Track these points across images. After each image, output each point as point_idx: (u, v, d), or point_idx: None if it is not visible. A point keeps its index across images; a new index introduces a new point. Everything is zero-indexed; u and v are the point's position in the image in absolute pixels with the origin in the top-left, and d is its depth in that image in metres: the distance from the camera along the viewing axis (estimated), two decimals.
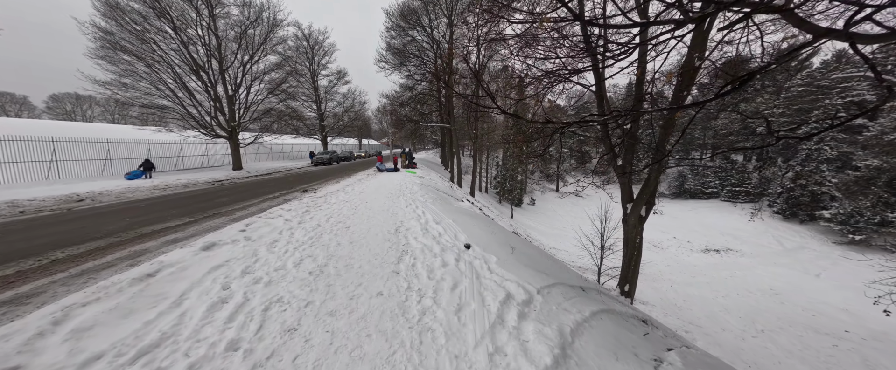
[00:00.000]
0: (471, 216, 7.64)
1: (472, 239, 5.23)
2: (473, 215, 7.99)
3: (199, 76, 18.63)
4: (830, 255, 24.38)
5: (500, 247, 4.86)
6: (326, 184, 13.97)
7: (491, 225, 6.91)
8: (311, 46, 29.72)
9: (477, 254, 4.49)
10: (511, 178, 34.82)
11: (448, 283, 3.39)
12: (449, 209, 8.13)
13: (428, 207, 7.84)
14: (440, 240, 5.08)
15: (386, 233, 5.57)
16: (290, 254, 4.48)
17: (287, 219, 6.55)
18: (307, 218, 6.81)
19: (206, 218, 7.22)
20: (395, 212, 7.43)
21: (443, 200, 10.36)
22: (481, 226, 6.38)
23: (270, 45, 20.60)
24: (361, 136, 57.19)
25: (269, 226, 5.98)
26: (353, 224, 6.29)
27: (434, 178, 18.12)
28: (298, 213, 7.17)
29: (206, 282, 3.40)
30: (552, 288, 3.36)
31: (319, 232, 5.65)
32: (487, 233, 5.75)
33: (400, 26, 23.92)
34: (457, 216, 7.08)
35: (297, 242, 5.02)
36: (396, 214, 7.12)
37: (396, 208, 7.82)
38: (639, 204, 11.40)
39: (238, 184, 14.25)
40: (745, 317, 16.47)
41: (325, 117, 32.61)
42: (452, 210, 8.14)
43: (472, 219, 7.12)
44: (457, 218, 6.82)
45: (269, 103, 22.15)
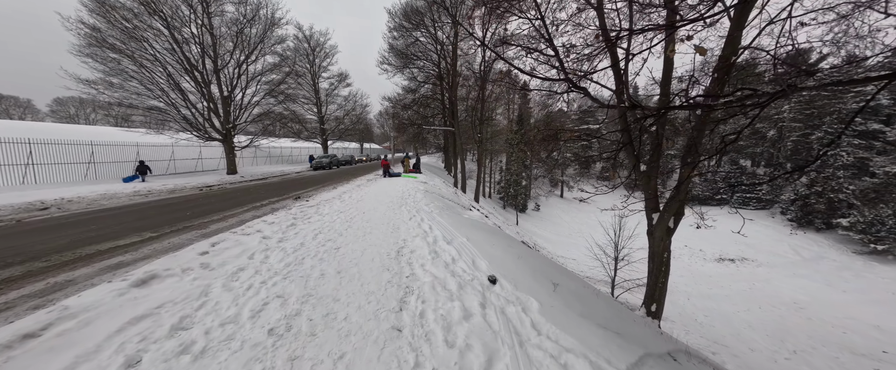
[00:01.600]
0: (485, 230, 6.39)
1: (496, 266, 3.98)
2: (487, 229, 6.75)
3: (192, 76, 17.55)
4: (852, 266, 22.97)
5: (536, 281, 3.60)
6: (322, 190, 12.76)
7: (512, 243, 5.66)
8: (311, 48, 28.72)
9: (508, 293, 3.24)
10: (515, 184, 33.59)
11: (477, 356, 2.16)
12: (458, 221, 6.89)
13: (435, 220, 6.59)
14: (454, 269, 3.85)
15: (385, 257, 4.33)
16: (254, 292, 3.24)
17: (265, 236, 5.32)
18: (291, 234, 5.58)
19: (172, 233, 6.00)
20: (397, 226, 6.19)
21: (449, 210, 9.12)
22: (501, 245, 5.13)
23: (268, 45, 19.56)
24: (363, 139, 56.08)
25: (241, 245, 4.76)
26: (345, 243, 5.05)
27: (438, 184, 16.89)
28: (282, 228, 5.94)
29: (104, 352, 2.17)
30: (640, 365, 2.13)
31: (301, 255, 4.41)
32: (512, 256, 4.49)
33: (403, 27, 22.88)
34: (470, 232, 5.84)
35: (268, 272, 3.79)
36: (398, 230, 5.88)
37: (398, 221, 6.59)
38: (667, 214, 10.14)
39: (227, 189, 13.06)
40: (772, 336, 15.11)
41: (325, 120, 31.49)
42: (462, 223, 6.90)
43: (488, 235, 5.87)
44: (470, 234, 5.57)
45: (267, 105, 21.04)
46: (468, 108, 27.22)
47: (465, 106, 27.69)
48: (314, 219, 6.79)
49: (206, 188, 13.60)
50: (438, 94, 26.78)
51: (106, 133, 18.69)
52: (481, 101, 22.82)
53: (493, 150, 34.60)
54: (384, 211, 7.76)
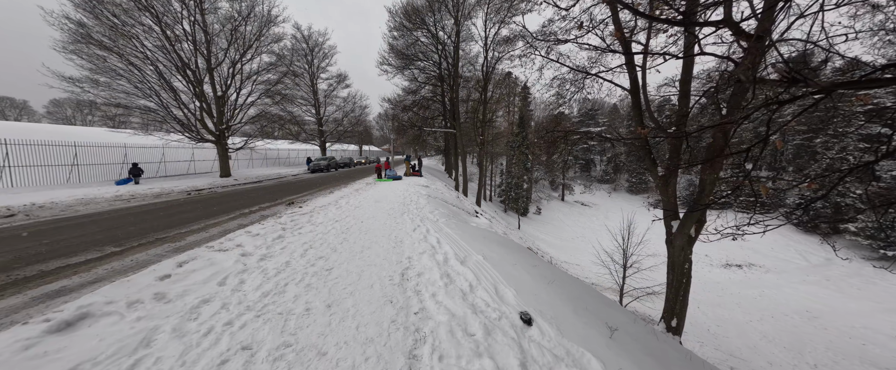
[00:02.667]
0: (500, 244, 5.56)
1: (525, 296, 3.16)
2: (502, 242, 5.92)
3: (184, 75, 16.69)
4: (862, 272, 22.26)
5: (582, 320, 2.77)
6: (319, 194, 11.91)
7: (534, 261, 4.83)
8: (310, 48, 27.90)
9: (552, 343, 2.41)
10: (516, 187, 32.80)
11: None
12: (469, 233, 6.07)
13: (443, 232, 5.76)
14: (474, 301, 3.03)
15: (387, 283, 3.51)
16: (213, 341, 2.40)
17: (245, 253, 4.47)
18: (276, 249, 4.74)
19: (140, 247, 5.14)
20: (400, 238, 5.36)
21: (455, 218, 8.30)
22: (523, 263, 4.30)
23: (264, 44, 18.73)
24: (362, 142, 55.20)
25: (213, 266, 3.91)
26: (339, 262, 4.21)
27: (440, 188, 16.07)
28: (266, 241, 5.09)
29: None
30: None
31: (284, 280, 3.57)
32: (541, 280, 3.67)
33: (404, 26, 22.15)
34: (484, 247, 5.01)
35: (239, 306, 2.95)
36: (402, 244, 5.04)
37: (401, 233, 5.75)
38: (688, 222, 9.34)
39: (217, 194, 12.17)
40: (790, 348, 14.32)
41: (324, 122, 30.63)
42: (473, 234, 6.08)
43: (506, 251, 5.04)
44: (486, 251, 4.74)
45: (263, 105, 20.18)
46: (469, 109, 26.48)
47: (465, 108, 26.95)
48: (306, 230, 5.94)
49: (195, 192, 12.71)
50: (439, 95, 26.03)
51: (91, 134, 17.77)
52: (484, 102, 22.07)
53: (493, 152, 33.86)
54: (384, 219, 6.92)
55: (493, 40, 21.64)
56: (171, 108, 16.64)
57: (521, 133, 32.92)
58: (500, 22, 21.44)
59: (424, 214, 7.58)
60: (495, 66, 21.70)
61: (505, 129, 35.97)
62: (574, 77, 10.83)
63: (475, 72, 24.37)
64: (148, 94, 15.83)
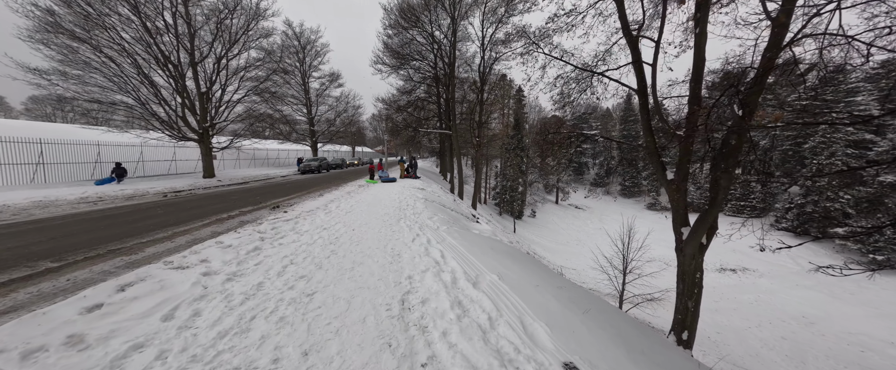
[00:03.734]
0: (511, 255, 4.83)
1: (561, 334, 2.43)
2: (512, 253, 5.19)
3: (166, 69, 15.59)
4: (854, 277, 22.30)
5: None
6: (307, 197, 11.01)
7: (560, 282, 4.10)
8: (302, 46, 26.86)
9: None
10: (511, 190, 32.25)
11: None
12: (475, 243, 5.33)
13: (446, 242, 5.01)
14: (499, 345, 2.30)
15: (383, 315, 2.74)
16: None
17: (209, 271, 3.64)
18: (249, 265, 3.91)
19: (84, 262, 4.24)
20: (398, 251, 4.58)
21: (456, 224, 7.56)
22: (547, 284, 3.57)
23: (253, 39, 17.72)
24: (355, 143, 54.02)
25: (163, 290, 3.08)
26: (324, 283, 3.42)
27: (436, 190, 15.30)
28: (239, 255, 4.26)
29: None
30: None
31: (251, 311, 2.77)
32: (576, 309, 2.94)
33: (399, 24, 21.40)
34: (497, 262, 4.28)
35: (181, 358, 2.12)
36: (400, 258, 4.27)
37: (399, 244, 4.98)
38: (700, 229, 8.78)
39: (197, 196, 11.17)
40: (791, 356, 13.98)
41: (315, 122, 29.55)
42: (480, 244, 5.34)
43: (520, 265, 4.31)
44: (501, 268, 4.00)
45: (250, 102, 19.12)
46: (464, 111, 25.83)
47: (461, 109, 26.30)
48: (288, 240, 5.11)
49: (173, 194, 11.67)
50: (434, 96, 25.30)
51: (62, 131, 16.46)
52: (480, 103, 21.43)
53: (489, 155, 33.28)
54: (379, 227, 6.13)
55: (490, 40, 21.06)
56: (151, 104, 15.52)
57: (517, 135, 32.43)
58: (497, 21, 20.88)
59: (423, 221, 6.81)
60: (492, 66, 21.12)
61: (500, 132, 35.47)
62: (579, 76, 10.25)
63: (471, 72, 23.75)
64: (126, 89, 14.70)
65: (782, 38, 7.35)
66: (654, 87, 9.17)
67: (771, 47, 7.39)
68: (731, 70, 10.01)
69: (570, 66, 10.52)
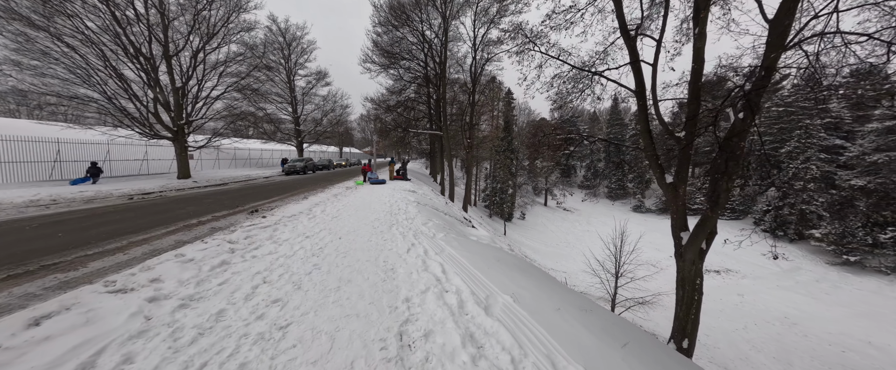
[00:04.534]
0: (520, 269, 4.29)
1: None
2: (521, 265, 4.65)
3: (137, 61, 14.39)
4: (828, 277, 22.97)
5: None
6: (290, 200, 10.19)
7: (587, 305, 3.57)
8: (287, 42, 25.72)
9: None
10: (501, 192, 31.94)
11: None
12: (474, 251, 4.77)
13: (445, 254, 4.41)
14: None
15: (377, 360, 2.13)
16: None
17: (157, 295, 2.92)
18: (212, 286, 3.21)
19: (2, 283, 3.44)
20: (392, 265, 3.96)
21: (452, 229, 6.98)
22: (570, 306, 3.04)
23: (233, 32, 16.66)
24: (343, 143, 52.68)
25: (88, 327, 2.36)
26: (303, 312, 2.77)
27: (427, 193, 14.69)
28: (201, 272, 3.54)
29: None
30: None
31: (202, 355, 2.09)
32: (613, 342, 2.42)
33: (389, 22, 20.71)
34: (504, 274, 3.72)
35: None
36: (394, 274, 3.65)
37: (392, 255, 4.36)
38: (700, 234, 8.51)
39: (166, 199, 10.17)
40: (779, 358, 14.06)
41: (301, 121, 28.37)
42: (480, 253, 4.78)
43: (533, 281, 3.77)
44: (511, 284, 3.43)
45: (230, 99, 17.99)
46: (455, 112, 25.33)
47: (451, 111, 25.80)
48: (263, 251, 4.40)
49: (141, 196, 10.60)
50: (424, 96, 24.69)
51: (16, 127, 14.93)
52: (472, 104, 20.98)
53: (478, 156, 32.90)
54: (369, 235, 5.48)
55: (482, 41, 20.66)
56: (119, 98, 14.27)
57: (507, 137, 32.18)
58: (489, 22, 20.51)
59: (417, 227, 6.20)
60: (484, 67, 20.70)
61: (490, 134, 35.18)
62: (577, 76, 9.89)
63: (462, 73, 23.29)
64: (90, 83, 13.45)
65: (782, 41, 7.14)
66: (654, 88, 8.88)
67: (770, 49, 7.19)
68: (724, 73, 9.83)
69: (567, 66, 10.16)
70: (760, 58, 8.59)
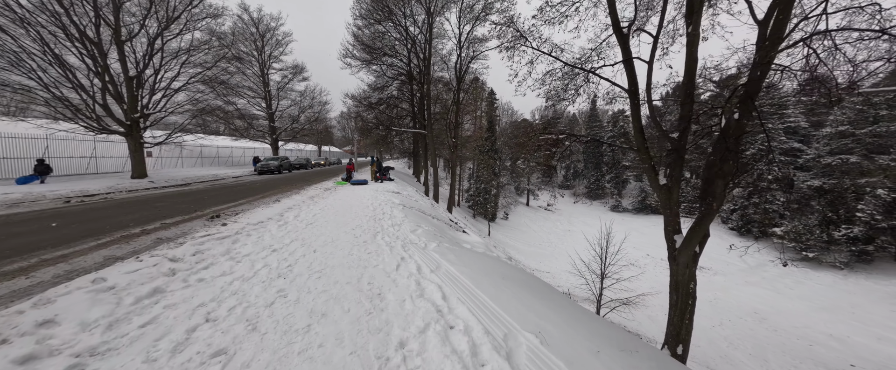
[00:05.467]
0: (531, 288, 3.62)
1: None
2: (531, 284, 3.98)
3: (83, 46, 12.59)
4: (790, 273, 24.19)
5: None
6: (260, 203, 9.07)
7: (632, 342, 2.93)
8: (260, 33, 23.91)
9: None
10: (485, 192, 31.54)
11: None
12: (473, 264, 4.06)
13: (443, 271, 3.67)
14: None
15: None
16: None
17: (30, 356, 2.00)
18: (125, 332, 2.29)
19: None
20: (380, 290, 3.17)
21: (443, 235, 6.25)
22: (608, 347, 2.38)
23: (197, 17, 15.02)
24: (322, 142, 50.51)
25: None
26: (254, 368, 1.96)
27: (412, 194, 13.85)
28: (117, 310, 2.60)
29: None
30: None
31: None
32: None
33: (371, 15, 19.63)
34: (517, 299, 3.03)
35: None
36: (382, 302, 2.87)
37: (379, 274, 3.56)
38: (694, 237, 8.25)
39: (112, 202, 8.75)
40: (755, 355, 14.42)
41: (276, 118, 26.55)
42: (479, 265, 4.08)
43: (555, 310, 3.10)
44: (533, 315, 2.74)
45: (196, 92, 16.29)
46: (438, 111, 24.58)
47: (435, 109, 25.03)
48: (214, 272, 3.47)
49: (80, 199, 9.09)
50: (407, 94, 23.76)
51: None
52: (457, 102, 20.32)
53: (462, 157, 32.34)
54: (350, 246, 4.64)
55: (467, 38, 20.05)
56: (60, 87, 12.43)
57: (491, 137, 31.81)
58: (474, 19, 19.95)
59: (405, 234, 5.41)
60: (469, 64, 20.09)
61: (474, 134, 34.72)
62: (571, 73, 9.45)
63: (447, 70, 22.58)
64: (26, 69, 11.59)
65: (777, 41, 6.93)
66: (649, 86, 8.57)
67: (763, 50, 6.98)
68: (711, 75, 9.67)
69: (559, 63, 9.69)
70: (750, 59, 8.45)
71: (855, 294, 20.31)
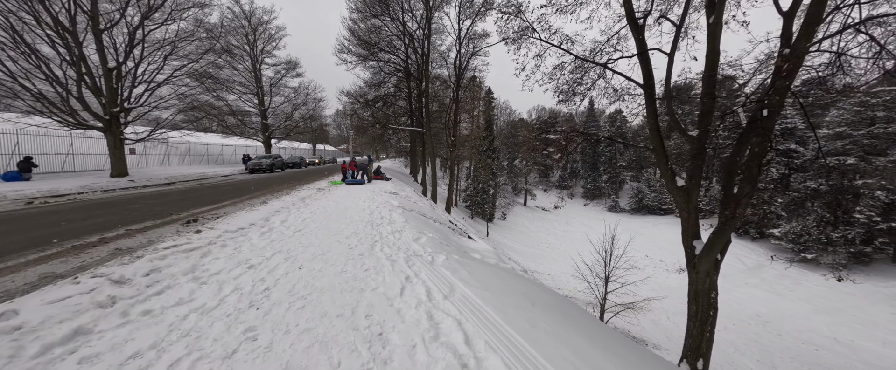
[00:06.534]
0: (577, 322, 2.89)
1: None
2: (564, 308, 3.26)
3: (58, 33, 11.56)
4: (788, 274, 23.93)
5: None
6: (245, 205, 8.22)
7: None
8: (252, 27, 22.84)
9: None
10: (483, 192, 30.86)
11: None
12: (495, 287, 3.33)
13: (457, 296, 2.92)
14: None
15: None
16: None
17: None
18: None
19: None
20: (382, 328, 2.42)
21: (449, 243, 5.52)
22: None
23: (182, 6, 13.99)
24: (317, 140, 49.33)
25: None
26: None
27: (410, 195, 13.08)
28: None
29: None
30: None
31: None
32: None
33: (367, 8, 18.77)
34: (552, 335, 2.30)
35: None
36: (385, 347, 2.12)
37: (379, 302, 2.81)
38: (717, 243, 7.63)
39: (80, 204, 7.84)
40: (762, 361, 13.91)
41: (268, 114, 25.49)
42: (502, 286, 3.35)
43: (602, 351, 2.37)
44: (581, 362, 2.01)
45: (182, 86, 15.28)
46: (436, 110, 23.80)
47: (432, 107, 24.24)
48: (165, 301, 2.68)
49: (46, 199, 8.16)
50: (404, 91, 22.93)
51: None
52: (456, 100, 19.57)
53: (460, 156, 31.61)
54: (343, 260, 3.87)
55: (467, 34, 19.30)
56: (31, 78, 11.39)
57: (489, 136, 31.13)
58: (474, 14, 19.21)
59: (407, 244, 4.66)
60: (469, 60, 19.35)
61: (471, 133, 34.00)
62: (582, 67, 8.78)
63: (446, 67, 21.80)
64: None
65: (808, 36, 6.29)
66: (668, 81, 7.92)
67: (794, 43, 6.36)
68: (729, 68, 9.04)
69: (570, 56, 9.01)
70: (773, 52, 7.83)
71: (855, 296, 20.04)
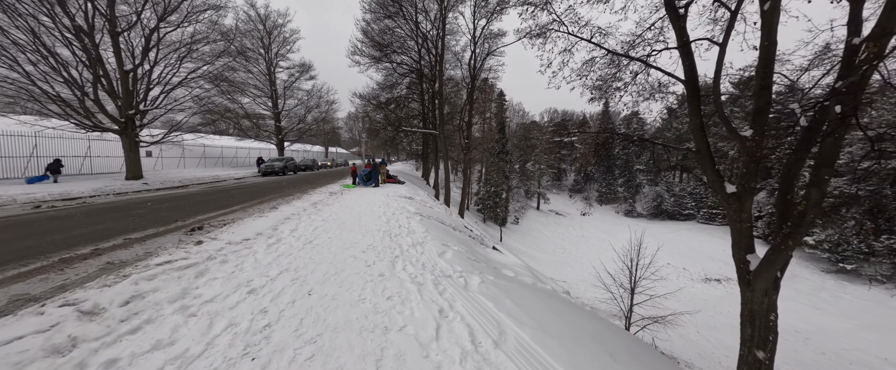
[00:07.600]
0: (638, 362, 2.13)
1: None
2: (649, 363, 2.50)
3: (77, 36, 11.48)
4: (825, 285, 22.24)
5: None
6: (255, 210, 7.73)
7: None
8: (267, 30, 22.82)
9: None
10: (495, 195, 30.02)
11: None
12: (563, 334, 2.62)
13: (511, 344, 2.22)
14: None
15: None
16: None
17: None
18: None
19: None
20: None
21: (475, 256, 4.83)
22: None
23: (198, 9, 13.84)
24: (329, 143, 49.43)
25: None
26: None
27: (425, 199, 12.44)
28: None
29: None
30: None
31: None
32: None
33: (380, 9, 18.38)
34: None
35: None
36: None
37: (412, 353, 2.16)
38: (778, 258, 6.66)
39: (86, 209, 7.49)
40: None
41: (282, 117, 25.40)
42: (574, 334, 2.63)
43: None
44: None
45: (197, 88, 15.13)
46: (449, 112, 23.21)
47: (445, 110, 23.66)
48: (137, 344, 2.08)
49: (55, 203, 7.87)
50: (417, 93, 22.43)
51: None
52: (470, 101, 18.92)
53: (472, 159, 30.95)
54: (361, 284, 3.23)
55: (482, 33, 18.66)
56: (50, 80, 11.30)
57: (502, 139, 30.34)
58: (489, 14, 18.57)
59: (433, 261, 3.98)
60: (485, 61, 18.68)
61: (484, 136, 33.27)
62: (615, 62, 8.00)
63: (460, 67, 21.20)
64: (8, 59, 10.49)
65: None
66: (718, 75, 7.06)
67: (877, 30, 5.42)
68: None
69: (602, 50, 8.22)
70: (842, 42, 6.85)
71: None
